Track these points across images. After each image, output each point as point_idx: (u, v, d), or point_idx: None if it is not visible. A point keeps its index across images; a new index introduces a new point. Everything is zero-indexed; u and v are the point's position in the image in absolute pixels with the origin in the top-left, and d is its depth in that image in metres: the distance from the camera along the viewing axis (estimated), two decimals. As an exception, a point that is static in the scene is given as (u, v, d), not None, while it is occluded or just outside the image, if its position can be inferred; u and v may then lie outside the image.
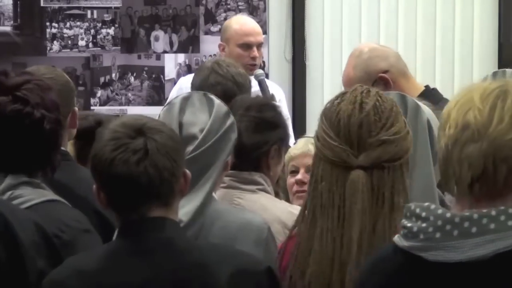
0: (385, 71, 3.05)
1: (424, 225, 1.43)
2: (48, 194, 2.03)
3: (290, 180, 3.00)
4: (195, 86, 3.30)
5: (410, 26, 5.32)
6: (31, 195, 1.98)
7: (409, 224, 1.48)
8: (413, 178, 2.19)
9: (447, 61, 5.20)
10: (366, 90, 1.89)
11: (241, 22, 4.37)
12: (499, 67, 4.96)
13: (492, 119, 1.36)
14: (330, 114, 1.86)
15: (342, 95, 1.90)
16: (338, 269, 1.85)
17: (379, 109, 1.82)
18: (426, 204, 1.48)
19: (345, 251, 1.83)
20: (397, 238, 1.51)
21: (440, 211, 1.44)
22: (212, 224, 2.16)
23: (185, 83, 4.27)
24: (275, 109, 2.68)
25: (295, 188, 2.92)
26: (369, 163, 1.81)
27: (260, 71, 4.24)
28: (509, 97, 1.40)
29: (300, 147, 2.98)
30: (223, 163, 2.20)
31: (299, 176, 2.95)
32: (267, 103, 2.72)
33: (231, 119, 2.22)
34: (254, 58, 4.17)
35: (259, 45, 4.23)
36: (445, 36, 5.31)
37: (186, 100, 2.21)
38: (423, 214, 1.46)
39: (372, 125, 1.81)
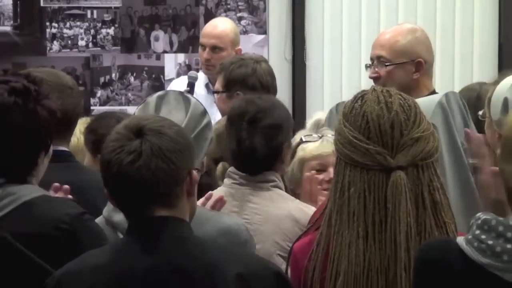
0: (421, 58, 3.12)
1: (509, 246, 1.45)
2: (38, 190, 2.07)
3: (315, 177, 2.95)
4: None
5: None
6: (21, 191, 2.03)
7: (490, 242, 1.48)
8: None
9: (447, 62, 5.16)
10: (385, 90, 1.85)
11: (209, 23, 4.52)
12: (499, 68, 5.15)
13: None
14: (354, 117, 1.81)
15: (361, 97, 1.85)
16: (381, 273, 1.82)
17: (405, 107, 1.80)
18: (511, 222, 1.49)
19: (390, 255, 1.81)
20: (468, 249, 1.52)
21: None
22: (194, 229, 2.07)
23: (173, 87, 4.47)
24: (276, 108, 2.71)
25: (326, 186, 2.86)
26: (406, 163, 1.77)
27: (193, 73, 4.33)
28: None
29: (329, 146, 2.78)
30: (200, 162, 2.19)
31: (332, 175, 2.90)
32: (267, 106, 2.71)
33: (207, 118, 2.22)
34: (205, 60, 4.28)
35: (213, 48, 4.24)
36: (445, 36, 5.26)
37: (161, 98, 2.21)
38: (509, 234, 1.46)
39: (403, 124, 1.78)
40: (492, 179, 2.08)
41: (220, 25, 4.43)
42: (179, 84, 4.44)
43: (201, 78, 4.40)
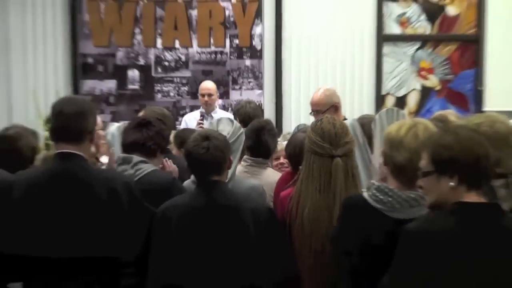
0: (337, 103, 3.98)
1: (390, 199, 2.06)
2: (146, 167, 2.78)
3: (277, 161, 3.62)
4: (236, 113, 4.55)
5: (331, 85, 5.98)
6: (145, 167, 2.80)
7: (381, 197, 2.06)
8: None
9: (350, 104, 6.58)
10: (332, 118, 2.49)
11: (203, 83, 5.85)
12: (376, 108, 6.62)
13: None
14: (316, 130, 2.43)
15: (320, 120, 2.45)
16: (326, 209, 2.43)
17: (341, 126, 2.47)
18: (390, 187, 2.04)
19: (331, 199, 2.42)
20: (370, 199, 2.08)
21: (399, 193, 2.02)
22: (237, 187, 2.77)
23: (187, 117, 5.81)
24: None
25: (279, 166, 3.53)
26: (342, 154, 2.43)
27: (202, 110, 5.66)
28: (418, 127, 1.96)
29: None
30: (240, 152, 2.88)
31: (281, 160, 3.59)
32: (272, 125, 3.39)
33: (241, 130, 2.87)
34: (205, 102, 5.68)
35: (209, 95, 5.71)
36: (343, 89, 6.61)
37: (219, 121, 2.91)
38: (390, 193, 2.04)
39: (341, 134, 2.44)
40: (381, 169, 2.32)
41: (209, 84, 5.85)
42: (192, 115, 5.86)
43: (200, 112, 5.80)
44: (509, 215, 2.00)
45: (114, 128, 3.58)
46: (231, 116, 4.28)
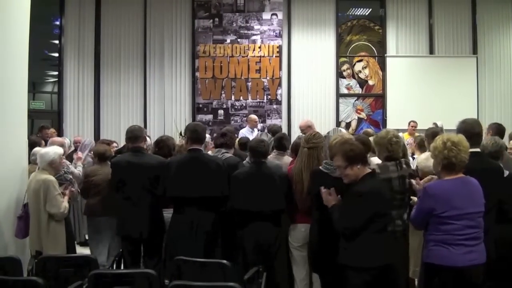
0: (311, 125, 7.53)
1: (331, 167, 4.12)
2: (227, 154, 5.16)
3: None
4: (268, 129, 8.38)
5: (310, 117, 12.24)
6: (227, 154, 5.38)
7: (328, 166, 4.18)
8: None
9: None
10: (314, 131, 4.73)
11: (250, 115, 10.76)
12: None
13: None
14: (303, 137, 4.68)
15: (306, 134, 4.54)
16: (303, 172, 4.58)
17: (317, 135, 4.69)
18: (331, 163, 4.01)
19: (305, 168, 4.56)
20: (323, 169, 4.13)
21: (333, 165, 3.88)
22: (270, 164, 4.95)
23: (241, 131, 10.53)
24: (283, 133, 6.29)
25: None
26: (308, 147, 4.61)
27: (252, 128, 10.19)
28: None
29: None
30: (271, 148, 5.38)
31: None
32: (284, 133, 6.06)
33: (272, 138, 5.85)
34: (254, 124, 10.51)
35: (255, 121, 10.52)
36: (319, 118, 12.60)
37: (262, 133, 7.26)
38: (332, 165, 4.09)
39: (310, 139, 4.65)
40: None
41: (255, 116, 10.71)
42: (245, 130, 10.26)
43: (249, 128, 10.43)
44: (378, 176, 3.95)
45: (208, 137, 5.92)
46: (259, 131, 8.64)
